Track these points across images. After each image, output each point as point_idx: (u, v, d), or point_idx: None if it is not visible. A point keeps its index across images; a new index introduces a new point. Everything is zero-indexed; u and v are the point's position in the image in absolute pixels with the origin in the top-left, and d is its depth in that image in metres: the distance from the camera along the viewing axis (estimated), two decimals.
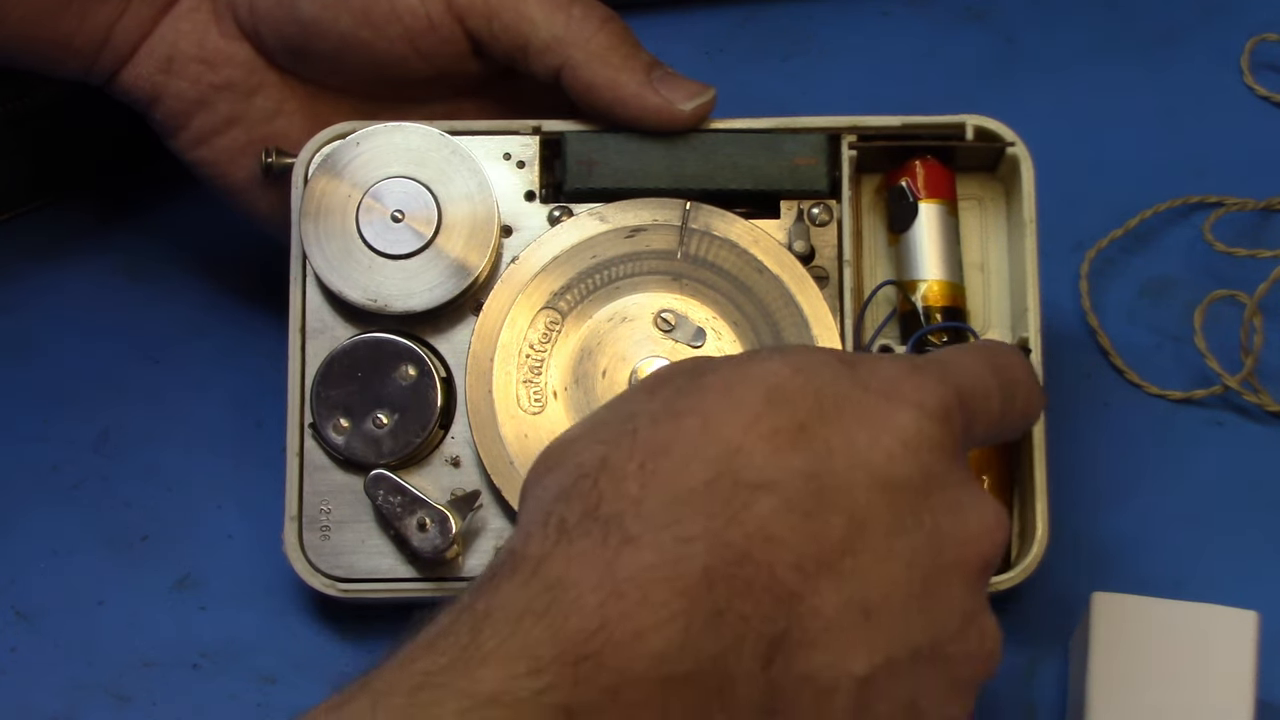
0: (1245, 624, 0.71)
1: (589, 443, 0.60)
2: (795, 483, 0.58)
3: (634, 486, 0.58)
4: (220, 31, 0.75)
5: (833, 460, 0.59)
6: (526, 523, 0.60)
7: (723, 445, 0.59)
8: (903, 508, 0.59)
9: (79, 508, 0.80)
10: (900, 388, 0.61)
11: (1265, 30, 0.85)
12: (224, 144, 0.76)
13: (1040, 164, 0.76)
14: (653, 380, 0.63)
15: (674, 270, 0.75)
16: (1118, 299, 0.82)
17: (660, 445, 0.59)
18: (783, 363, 0.60)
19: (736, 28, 0.87)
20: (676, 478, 0.58)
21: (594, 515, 0.58)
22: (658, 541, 0.57)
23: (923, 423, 0.60)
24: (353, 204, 0.75)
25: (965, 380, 0.63)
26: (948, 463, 0.61)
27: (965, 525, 0.61)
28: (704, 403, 0.60)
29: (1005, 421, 0.65)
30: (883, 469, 0.59)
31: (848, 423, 0.60)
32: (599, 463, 0.59)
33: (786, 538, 0.58)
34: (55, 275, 0.84)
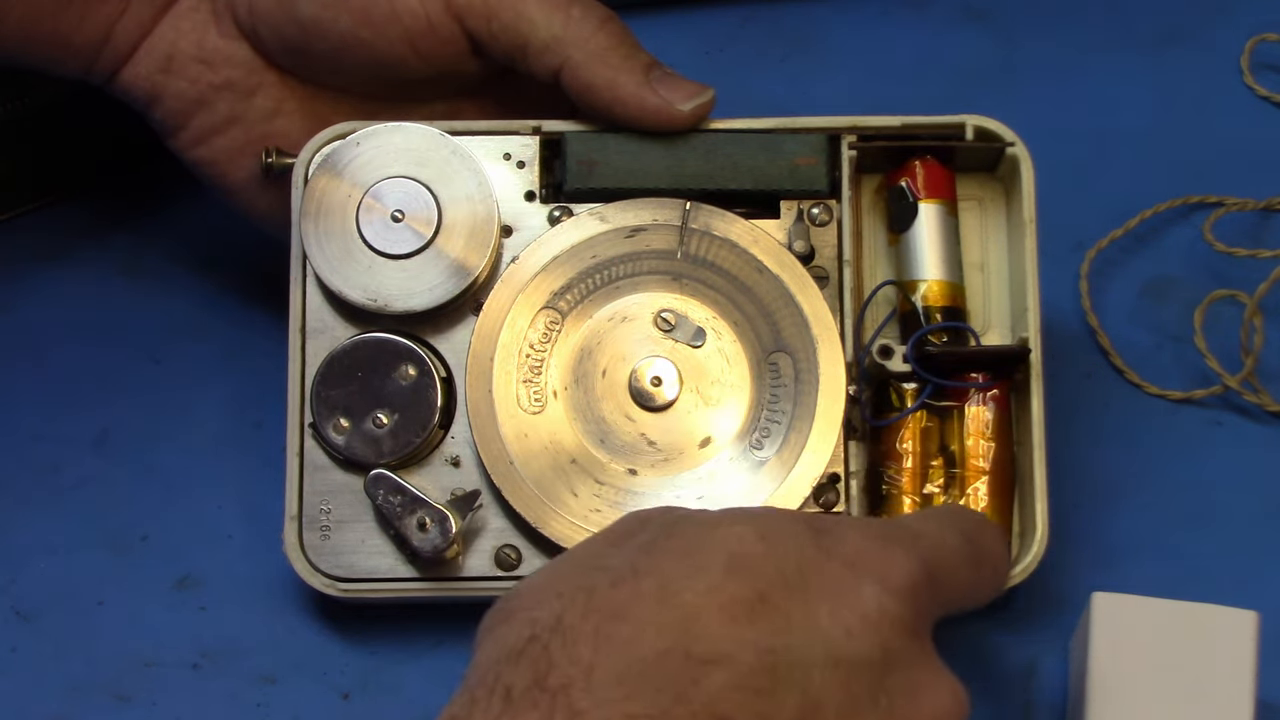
0: (1245, 624, 0.71)
1: (547, 596, 0.59)
2: (748, 658, 0.57)
3: (586, 652, 0.57)
4: (220, 31, 0.75)
5: (790, 635, 0.58)
6: (473, 685, 0.59)
7: (679, 612, 0.58)
8: (858, 688, 0.58)
9: (79, 508, 0.80)
10: (867, 560, 0.60)
11: (1265, 30, 0.85)
12: (223, 143, 0.76)
13: (1040, 164, 0.76)
14: (620, 529, 0.62)
15: (674, 270, 0.75)
16: (1118, 299, 0.82)
17: (617, 608, 0.58)
18: (749, 528, 0.60)
19: (736, 28, 0.87)
20: (630, 646, 0.57)
21: (542, 685, 0.57)
22: (605, 717, 0.56)
23: (885, 599, 0.59)
24: (353, 204, 0.75)
25: (934, 552, 0.62)
26: (908, 640, 0.60)
27: (922, 708, 0.59)
28: (665, 564, 0.59)
29: (973, 593, 0.64)
30: (841, 646, 0.58)
31: (810, 595, 0.59)
32: (554, 622, 0.58)
33: (735, 716, 0.57)
34: (55, 275, 0.84)
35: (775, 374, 0.75)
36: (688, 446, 0.75)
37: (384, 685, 0.77)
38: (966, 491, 0.75)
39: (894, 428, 0.75)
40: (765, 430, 0.74)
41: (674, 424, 0.75)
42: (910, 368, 0.75)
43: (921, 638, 0.60)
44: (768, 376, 0.75)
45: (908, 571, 0.60)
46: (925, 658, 0.60)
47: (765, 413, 0.75)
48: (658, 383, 0.75)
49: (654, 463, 0.74)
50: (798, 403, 0.74)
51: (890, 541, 0.60)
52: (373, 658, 0.78)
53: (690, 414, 0.75)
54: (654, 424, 0.75)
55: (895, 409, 0.75)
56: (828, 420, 0.74)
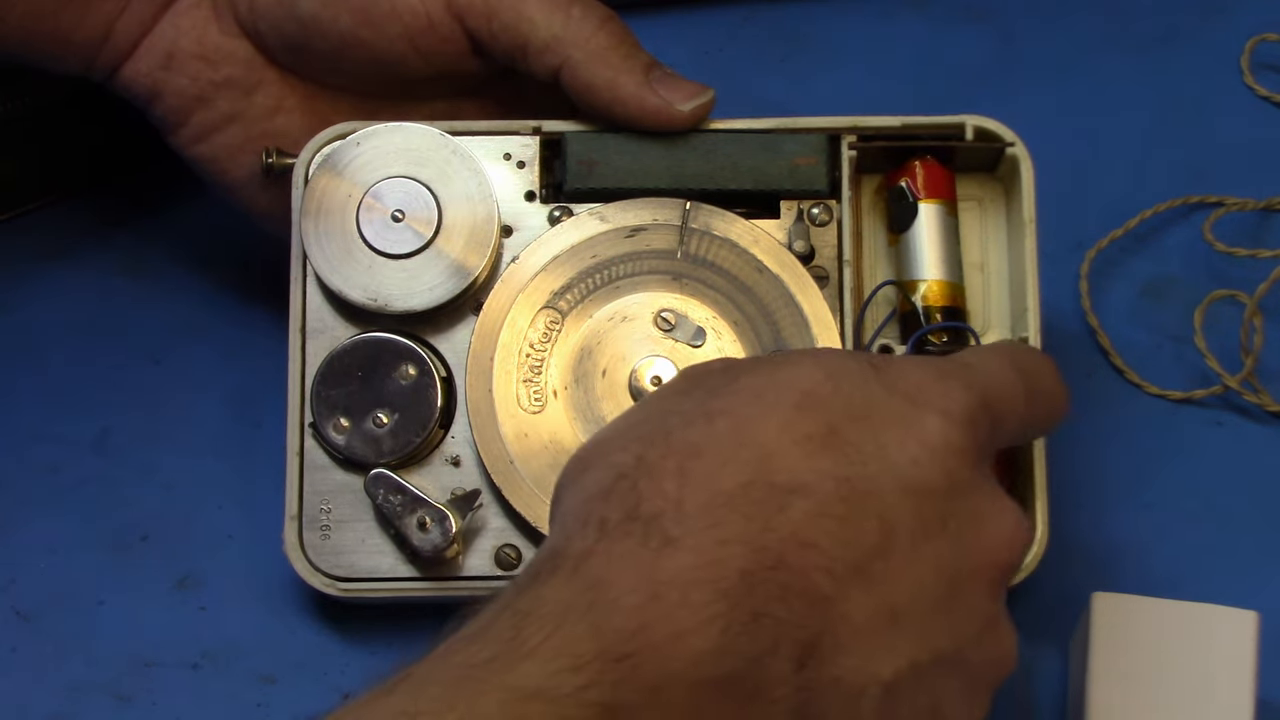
0: (1245, 624, 0.71)
1: (624, 442, 0.61)
2: (827, 486, 0.59)
3: (672, 487, 0.59)
4: (220, 28, 0.75)
5: (863, 464, 0.59)
6: (566, 521, 0.60)
7: (756, 449, 0.59)
8: (929, 513, 0.60)
9: (79, 508, 0.80)
10: (927, 393, 0.61)
11: (1265, 30, 0.85)
12: (223, 141, 0.76)
13: (1040, 164, 0.76)
14: (684, 380, 0.63)
15: (674, 270, 0.75)
16: (1118, 299, 0.82)
17: (694, 447, 0.59)
18: (814, 367, 0.61)
19: (736, 28, 0.87)
20: (712, 480, 0.59)
21: (634, 515, 0.58)
22: (697, 544, 0.57)
23: (948, 429, 0.61)
24: (353, 204, 0.75)
25: (990, 384, 0.63)
26: (971, 469, 0.61)
27: (987, 532, 0.61)
28: (736, 405, 0.60)
29: (1030, 424, 0.66)
30: (910, 474, 0.60)
31: (876, 428, 0.60)
32: (636, 462, 0.60)
33: (820, 542, 0.58)
34: (55, 275, 0.84)
35: None
36: None
37: None
38: None
39: None
40: None
41: None
42: None
43: (982, 466, 0.62)
44: None
45: (966, 403, 0.61)
46: (988, 486, 0.62)
47: None
48: (658, 382, 0.75)
49: None
50: None
51: (948, 375, 0.62)
52: (373, 658, 0.78)
53: None
54: None
55: None
56: None
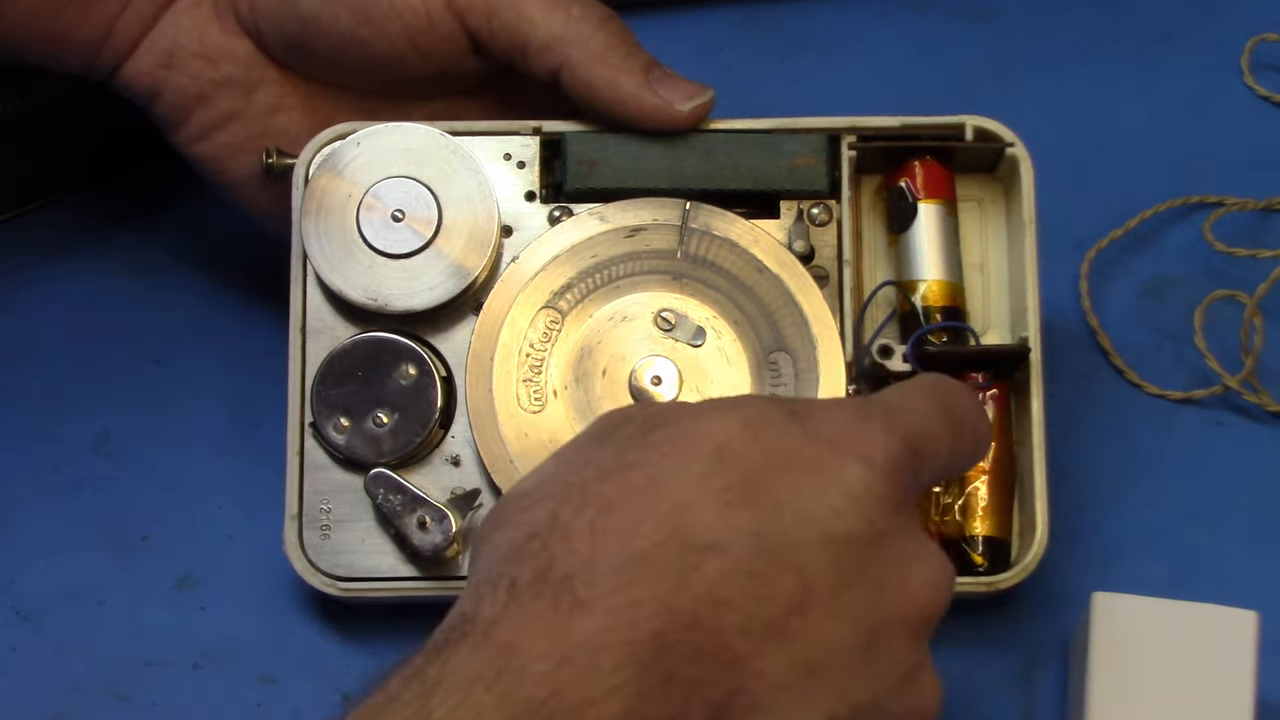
0: (1245, 624, 0.71)
1: (539, 498, 0.60)
2: (743, 542, 0.58)
3: (584, 546, 0.58)
4: (221, 27, 0.75)
5: (781, 518, 0.59)
6: (478, 583, 0.59)
7: (671, 504, 0.58)
8: (849, 564, 0.59)
9: (79, 508, 0.80)
10: (847, 439, 0.60)
11: (1265, 30, 0.85)
12: (224, 139, 0.76)
13: (1040, 164, 0.76)
14: (602, 426, 0.62)
15: (674, 270, 0.75)
16: (1118, 299, 0.82)
17: (608, 502, 0.59)
18: (731, 417, 0.60)
19: (736, 28, 0.87)
20: (626, 538, 0.58)
21: (545, 577, 0.58)
22: (609, 606, 0.57)
23: (869, 476, 0.60)
24: (353, 204, 0.75)
25: (913, 425, 0.62)
26: (893, 516, 0.60)
27: (910, 579, 0.60)
28: (653, 458, 0.59)
29: (953, 462, 0.65)
30: (830, 525, 0.59)
31: (795, 478, 0.59)
32: (549, 520, 0.59)
33: (734, 600, 0.58)
34: (55, 275, 0.84)
35: (775, 374, 0.75)
36: None
37: None
38: (966, 491, 0.75)
39: None
40: None
41: None
42: (910, 368, 0.75)
43: (906, 512, 0.61)
44: (768, 376, 0.75)
45: (888, 447, 0.60)
46: (911, 531, 0.61)
47: None
48: (657, 382, 0.75)
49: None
50: None
51: (869, 419, 0.61)
52: (373, 658, 0.78)
53: None
54: None
55: None
56: None
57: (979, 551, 0.75)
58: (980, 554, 0.75)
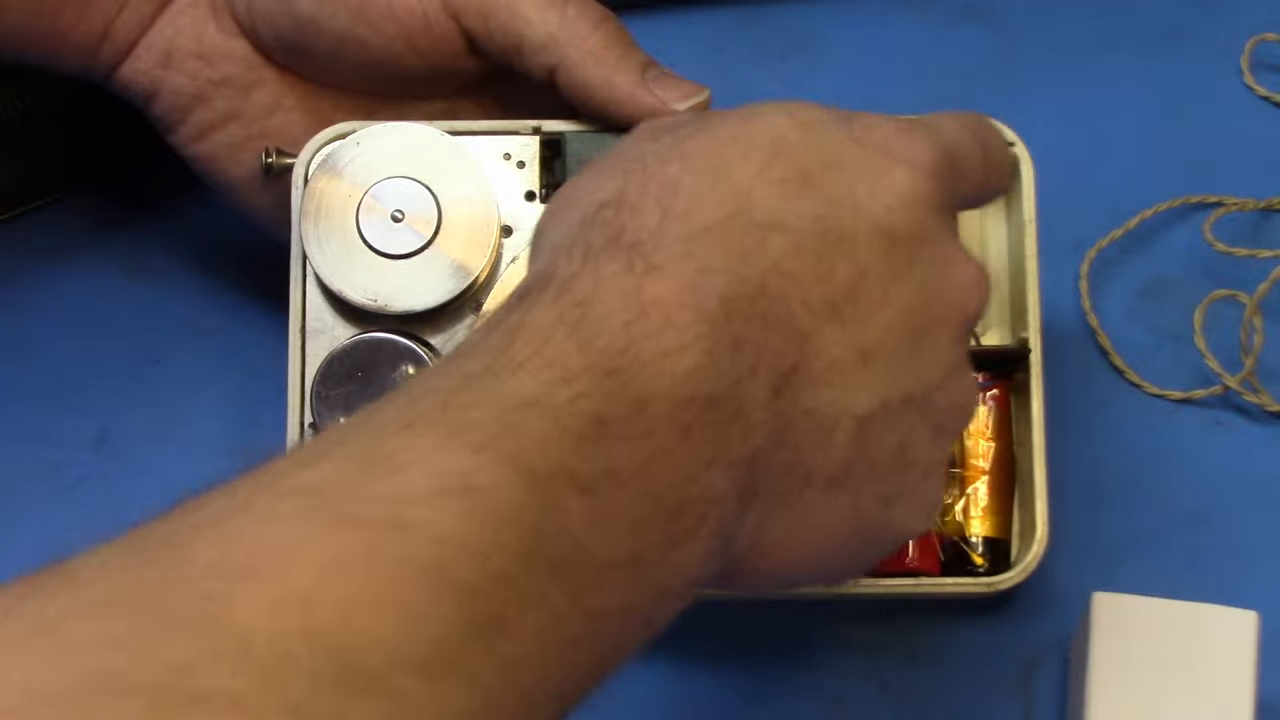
0: (1245, 624, 0.71)
1: (602, 179, 0.61)
2: (804, 225, 0.60)
3: (652, 219, 0.59)
4: (218, 27, 0.75)
5: (837, 208, 0.60)
6: (552, 247, 0.61)
7: (733, 187, 0.60)
8: (898, 259, 0.61)
9: (79, 508, 0.80)
10: (895, 145, 0.62)
11: (1265, 30, 0.85)
12: (222, 139, 0.76)
13: (1040, 164, 0.76)
14: (653, 127, 0.64)
15: None
16: (1118, 299, 0.82)
17: (673, 183, 0.60)
18: (786, 117, 0.62)
19: (736, 28, 0.87)
20: (693, 213, 0.59)
21: (617, 242, 0.59)
22: (680, 271, 0.58)
23: (916, 179, 0.62)
24: (353, 204, 0.75)
25: (951, 142, 0.64)
26: (937, 219, 0.62)
27: (951, 279, 0.62)
28: (712, 147, 0.61)
29: (986, 184, 0.67)
30: (881, 220, 0.61)
31: (849, 175, 0.61)
32: (617, 195, 0.60)
33: (798, 274, 0.59)
34: (55, 275, 0.84)
35: None
36: None
37: None
38: (966, 491, 0.75)
39: None
40: None
41: None
42: None
43: (946, 217, 0.63)
44: None
45: (933, 155, 0.62)
46: (950, 237, 0.63)
47: None
48: None
49: None
50: None
51: (913, 131, 0.63)
52: None
53: None
54: None
55: None
56: None
57: (979, 552, 0.75)
58: (980, 554, 0.75)
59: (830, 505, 0.61)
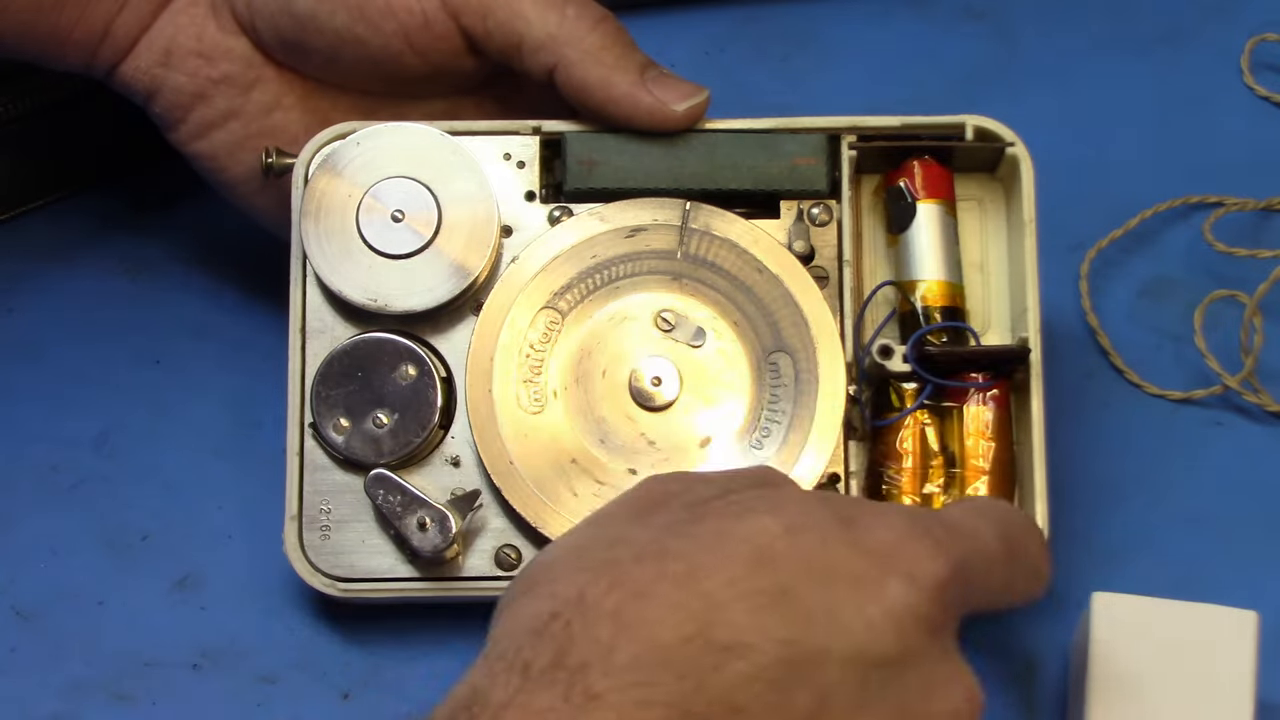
0: (1245, 624, 0.71)
1: (570, 570, 0.59)
2: (769, 649, 0.57)
3: (607, 632, 0.57)
4: (218, 25, 0.76)
5: (811, 628, 0.57)
6: (493, 656, 0.58)
7: (703, 600, 0.57)
8: (872, 683, 0.58)
9: (79, 508, 0.80)
10: (895, 554, 0.59)
11: (1265, 30, 0.85)
12: (222, 137, 0.76)
13: (1040, 164, 0.76)
14: (643, 501, 0.61)
15: (674, 270, 0.75)
16: (1118, 299, 0.82)
17: (640, 588, 0.58)
18: (776, 521, 0.59)
19: (737, 28, 0.87)
20: (651, 630, 0.57)
21: (561, 663, 0.57)
22: (620, 702, 0.56)
23: (911, 595, 0.58)
24: (353, 204, 0.75)
25: (969, 549, 0.61)
26: (930, 638, 0.59)
27: (935, 705, 0.59)
28: (690, 551, 0.58)
29: (1006, 596, 0.63)
30: (861, 642, 0.58)
31: (834, 588, 0.58)
32: (576, 597, 0.58)
33: (750, 707, 0.57)
34: (56, 275, 0.84)
35: (775, 374, 0.75)
36: (688, 446, 0.75)
37: (384, 685, 0.77)
38: (966, 491, 0.75)
39: (894, 428, 0.75)
40: (765, 430, 0.74)
41: (674, 424, 0.75)
42: (910, 368, 0.75)
43: (944, 635, 0.60)
44: (768, 376, 0.75)
45: (936, 568, 0.59)
46: (945, 656, 0.60)
47: (765, 412, 0.75)
48: (658, 383, 0.75)
49: (654, 462, 0.74)
50: (798, 403, 0.75)
51: (923, 536, 0.60)
52: (373, 658, 0.78)
53: (690, 414, 0.75)
54: (654, 424, 0.75)
55: (895, 409, 0.75)
56: (828, 420, 0.74)
57: None
58: None
59: None
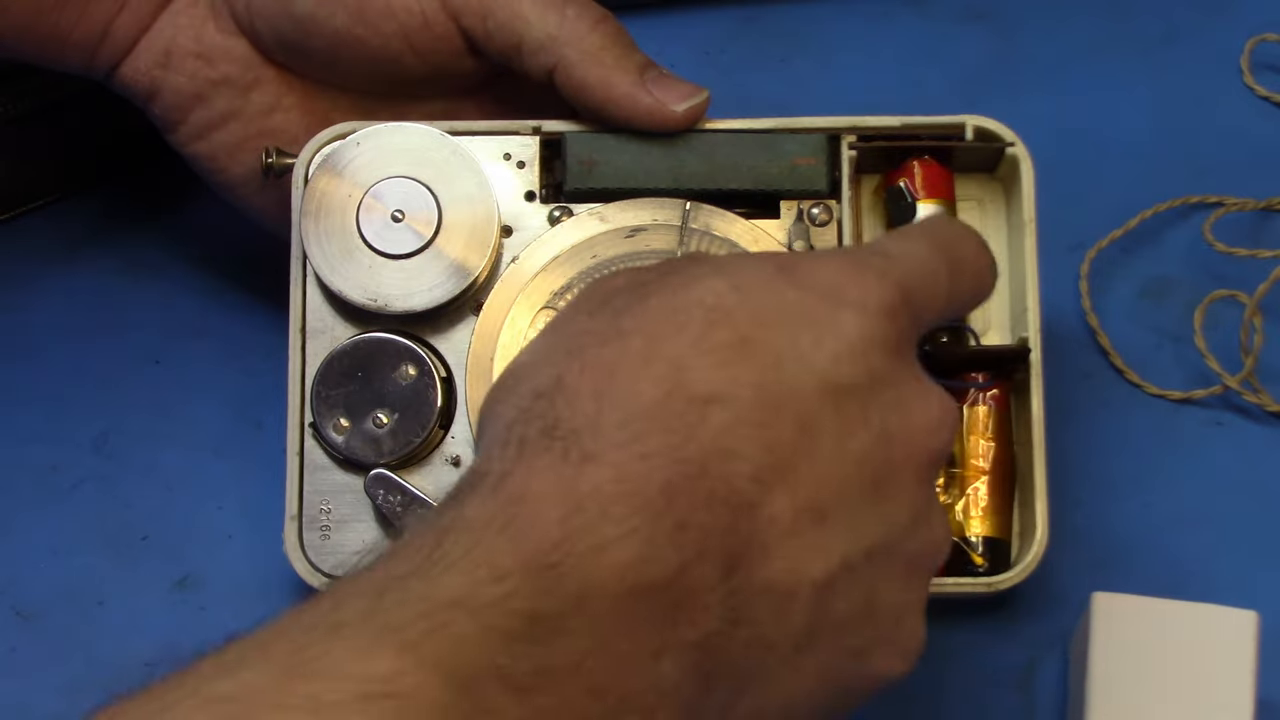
0: (1245, 624, 0.71)
1: (540, 366, 0.60)
2: (744, 394, 0.58)
3: (589, 405, 0.58)
4: (217, 26, 0.76)
5: (780, 369, 0.59)
6: (488, 444, 0.60)
7: (669, 364, 0.59)
8: (851, 410, 0.60)
9: (79, 508, 0.80)
10: (842, 289, 0.61)
11: (1265, 30, 0.85)
12: (222, 138, 0.76)
13: (1040, 164, 0.76)
14: (593, 296, 0.62)
15: None
16: (1118, 299, 0.82)
17: (609, 365, 0.59)
18: (720, 279, 0.60)
19: (736, 29, 0.87)
20: (629, 396, 0.58)
21: (552, 433, 0.58)
22: (617, 459, 0.57)
23: (866, 323, 0.60)
24: (353, 204, 0.75)
25: (910, 269, 0.62)
26: (892, 360, 0.61)
27: (911, 420, 0.61)
28: (647, 323, 0.60)
29: (953, 303, 0.65)
30: (829, 373, 0.59)
31: (791, 329, 0.60)
32: (553, 383, 0.59)
33: (741, 449, 0.58)
34: (55, 275, 0.84)
35: None
36: None
37: None
38: (966, 491, 0.75)
39: None
40: None
41: None
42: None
43: (904, 355, 0.61)
44: None
45: (884, 293, 0.61)
46: (909, 374, 0.61)
47: None
48: None
49: None
50: None
51: (862, 267, 0.61)
52: None
53: None
54: None
55: None
56: None
57: (979, 552, 0.75)
58: (980, 554, 0.75)
59: (798, 670, 0.60)
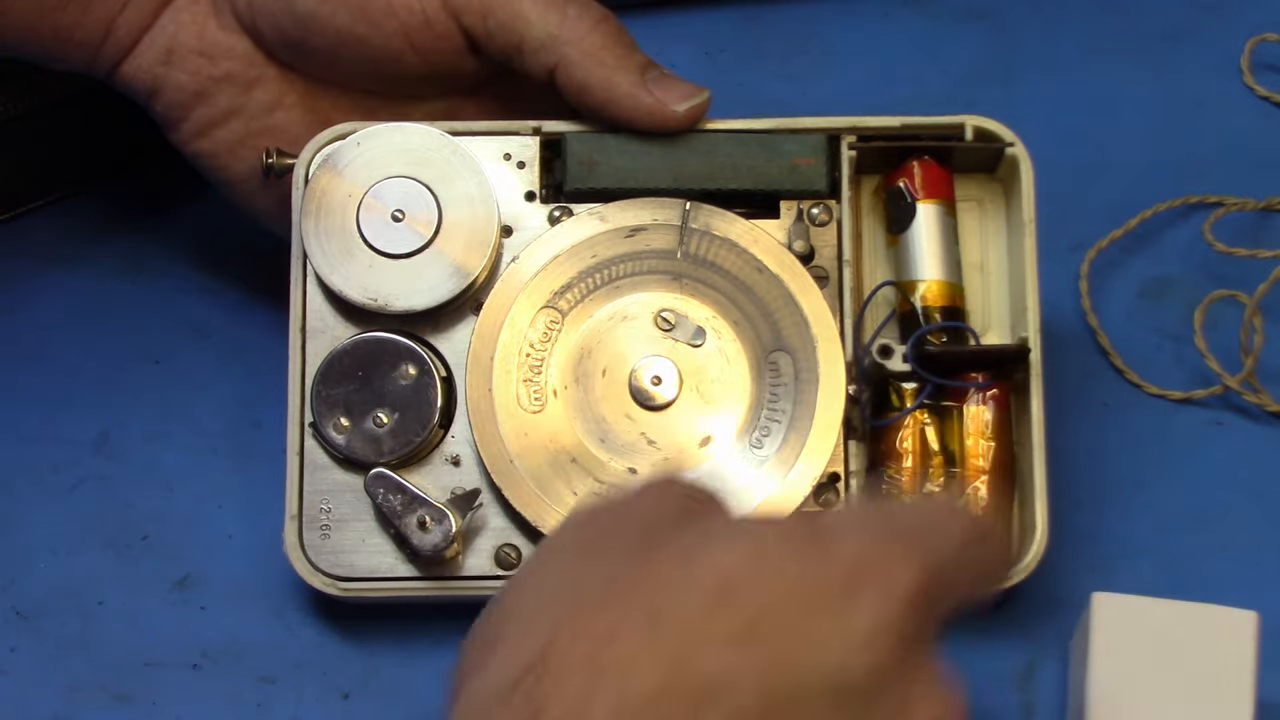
0: (1245, 624, 0.71)
1: (529, 623, 0.57)
2: (748, 684, 0.55)
3: (578, 683, 0.55)
4: (219, 24, 0.76)
5: (786, 662, 0.56)
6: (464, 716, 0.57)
7: (672, 641, 0.56)
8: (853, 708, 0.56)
9: (79, 508, 0.80)
10: (869, 568, 0.57)
11: (1265, 30, 0.85)
12: (223, 136, 0.76)
13: (1040, 164, 0.76)
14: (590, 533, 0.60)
15: (674, 270, 0.75)
16: (1118, 299, 0.82)
17: (606, 634, 0.56)
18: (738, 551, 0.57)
19: (737, 28, 0.87)
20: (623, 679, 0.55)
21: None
22: None
23: (889, 609, 0.57)
24: (353, 203, 0.75)
25: (939, 556, 0.59)
26: (905, 653, 0.58)
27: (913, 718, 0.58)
28: (652, 583, 0.57)
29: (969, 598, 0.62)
30: (839, 666, 0.56)
31: (806, 615, 0.56)
32: (541, 652, 0.56)
33: None
34: (56, 275, 0.84)
35: (775, 373, 0.75)
36: (688, 445, 0.75)
37: (384, 685, 0.77)
38: (966, 491, 0.75)
39: (894, 427, 0.75)
40: (765, 429, 0.74)
41: (674, 423, 0.75)
42: (910, 367, 0.75)
43: (921, 646, 0.59)
44: (767, 376, 0.75)
45: (913, 579, 0.58)
46: (922, 667, 0.58)
47: (765, 412, 0.75)
48: (658, 382, 0.75)
49: (654, 462, 0.74)
50: (798, 402, 0.75)
51: (895, 544, 0.58)
52: (373, 658, 0.78)
53: (690, 413, 0.75)
54: (654, 423, 0.75)
55: (895, 409, 0.75)
56: (828, 420, 0.74)
57: None
58: None
59: None
